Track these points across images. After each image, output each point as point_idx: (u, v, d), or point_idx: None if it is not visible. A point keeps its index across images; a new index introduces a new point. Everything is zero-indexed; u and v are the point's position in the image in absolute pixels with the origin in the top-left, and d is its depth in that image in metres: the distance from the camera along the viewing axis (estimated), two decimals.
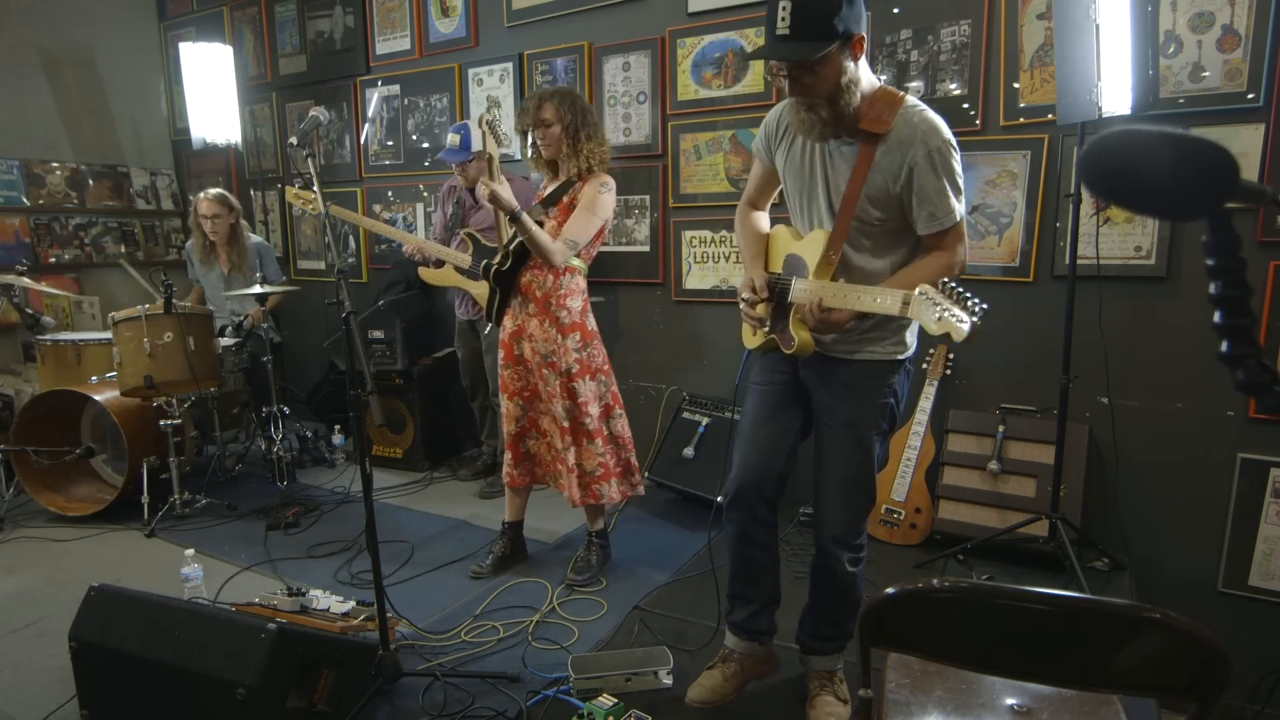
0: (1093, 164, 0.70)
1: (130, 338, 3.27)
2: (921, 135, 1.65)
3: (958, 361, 3.05)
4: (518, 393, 2.75)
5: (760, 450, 1.92)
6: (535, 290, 2.65)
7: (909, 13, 2.99)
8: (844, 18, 1.57)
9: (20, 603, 2.69)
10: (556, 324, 2.64)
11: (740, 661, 2.03)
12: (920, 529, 2.97)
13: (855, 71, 1.64)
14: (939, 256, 1.72)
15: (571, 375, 2.66)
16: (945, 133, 1.66)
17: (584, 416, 2.68)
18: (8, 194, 4.61)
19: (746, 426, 1.97)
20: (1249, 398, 2.47)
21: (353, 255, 4.82)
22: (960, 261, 1.73)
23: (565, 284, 2.65)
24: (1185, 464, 2.69)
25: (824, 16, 1.56)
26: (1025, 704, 1.38)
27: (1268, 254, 2.49)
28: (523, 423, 2.78)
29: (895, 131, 1.67)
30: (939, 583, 1.05)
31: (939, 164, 1.65)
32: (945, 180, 1.66)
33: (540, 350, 2.66)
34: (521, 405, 2.76)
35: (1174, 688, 1.02)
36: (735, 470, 1.94)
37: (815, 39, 1.57)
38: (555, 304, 2.64)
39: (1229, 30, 2.47)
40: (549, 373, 2.66)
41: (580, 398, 2.67)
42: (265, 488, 3.75)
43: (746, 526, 1.94)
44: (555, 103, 2.58)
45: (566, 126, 2.58)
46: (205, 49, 4.32)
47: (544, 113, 2.57)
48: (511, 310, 2.73)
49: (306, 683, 1.85)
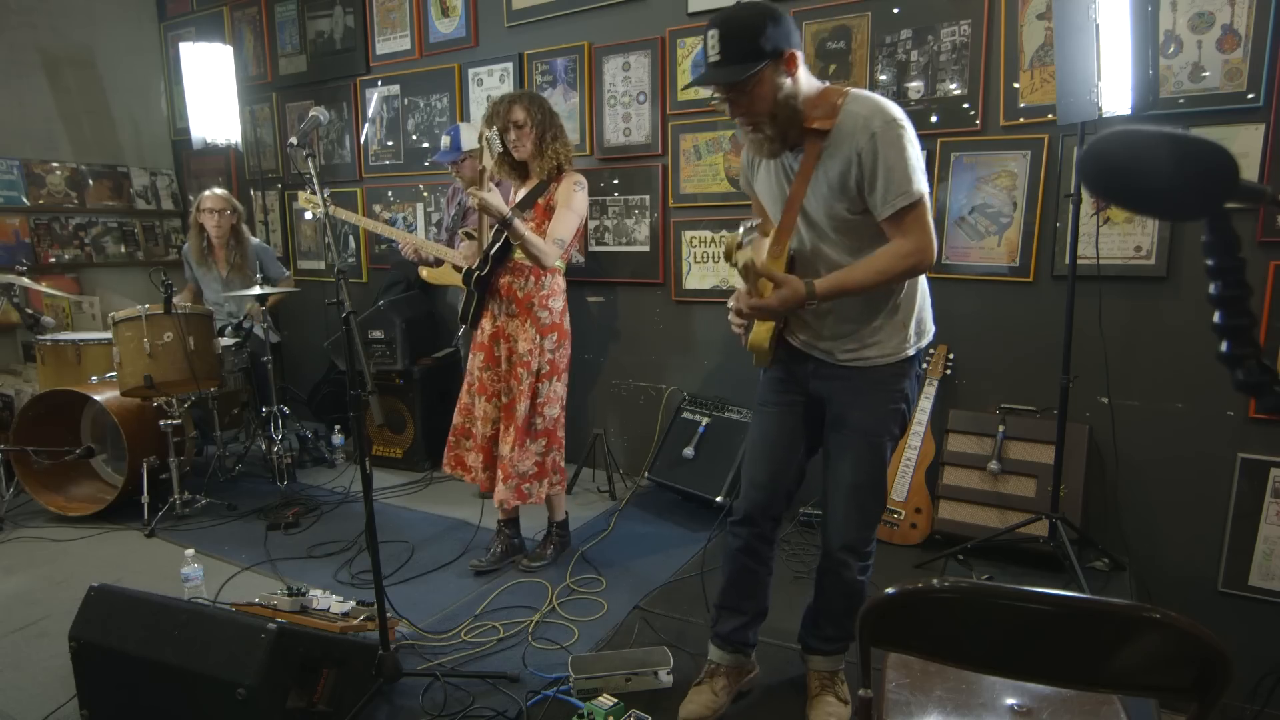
0: (1093, 164, 0.70)
1: (130, 338, 3.27)
2: (864, 120, 1.64)
3: (958, 361, 3.05)
4: (495, 395, 2.77)
5: (770, 471, 1.93)
6: (516, 292, 2.69)
7: (909, 13, 2.99)
8: (771, 37, 1.60)
9: (20, 603, 2.69)
10: (537, 324, 2.69)
11: (728, 674, 2.03)
12: (920, 529, 2.97)
13: (792, 86, 1.66)
14: (898, 244, 1.67)
15: (540, 375, 2.71)
16: (890, 112, 1.64)
17: (537, 417, 2.73)
18: (8, 194, 4.61)
19: (755, 447, 1.97)
20: (1249, 398, 2.47)
21: (353, 255, 4.82)
22: (922, 249, 1.66)
23: (547, 284, 2.71)
24: (1185, 464, 2.69)
25: (750, 38, 1.60)
26: (1025, 704, 1.38)
27: (1268, 254, 2.49)
28: (499, 425, 2.77)
29: (839, 125, 1.67)
30: (939, 583, 1.05)
31: (883, 143, 1.62)
32: (893, 156, 1.62)
33: (518, 350, 2.70)
34: (497, 407, 2.77)
35: (1174, 688, 1.02)
36: (746, 490, 1.95)
37: (744, 61, 1.61)
38: (538, 305, 2.69)
39: (1229, 30, 2.48)
40: (523, 371, 2.69)
41: (540, 398, 2.72)
42: (265, 488, 3.75)
43: (753, 543, 1.96)
44: (524, 104, 2.62)
45: (537, 125, 2.62)
46: (205, 49, 4.32)
47: (515, 115, 2.61)
48: (490, 313, 2.76)
49: (306, 683, 1.85)
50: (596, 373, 4.01)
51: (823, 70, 3.16)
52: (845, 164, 1.67)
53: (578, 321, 4.01)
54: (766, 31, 1.60)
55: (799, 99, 1.68)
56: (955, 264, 3.00)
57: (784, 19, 1.64)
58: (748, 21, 1.61)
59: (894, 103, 1.69)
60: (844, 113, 1.67)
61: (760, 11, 1.63)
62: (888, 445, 1.87)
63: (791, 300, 1.67)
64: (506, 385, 2.75)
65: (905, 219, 1.65)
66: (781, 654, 2.24)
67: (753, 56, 1.61)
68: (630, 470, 3.87)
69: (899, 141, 1.63)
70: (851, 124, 1.65)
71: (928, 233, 1.67)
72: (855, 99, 1.68)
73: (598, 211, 3.83)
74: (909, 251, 1.66)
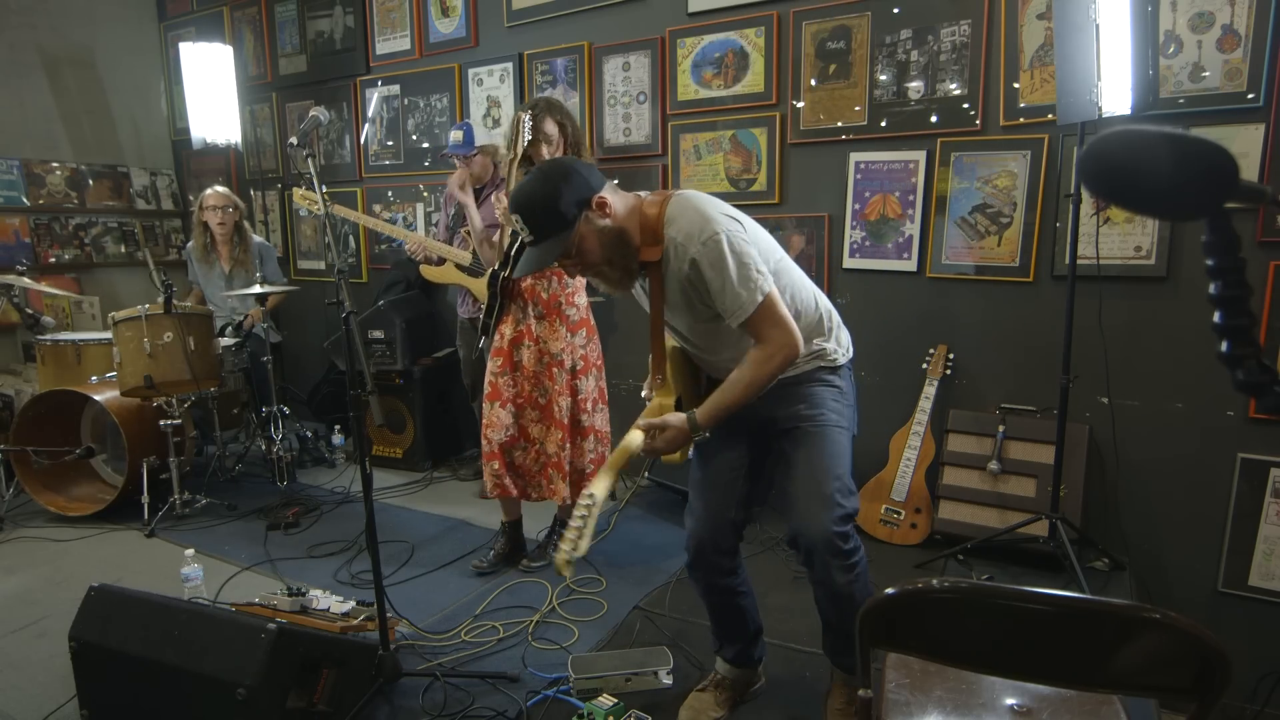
0: (1092, 164, 0.70)
1: (130, 338, 3.27)
2: (681, 248, 1.64)
3: (958, 361, 3.05)
4: (510, 400, 2.73)
5: (709, 500, 1.87)
6: (541, 293, 2.70)
7: (909, 13, 2.99)
8: (567, 201, 1.61)
9: (20, 603, 2.69)
10: (566, 322, 2.71)
11: (733, 686, 2.02)
12: (920, 529, 2.97)
13: (611, 225, 1.66)
14: (755, 353, 1.68)
15: (576, 372, 2.72)
16: (704, 231, 1.62)
17: (582, 413, 2.74)
18: (8, 194, 4.61)
19: (693, 486, 1.92)
20: (1249, 398, 2.47)
21: (353, 255, 4.81)
22: (782, 345, 1.66)
23: (571, 282, 2.73)
24: (1185, 464, 2.68)
25: (550, 212, 1.61)
26: (1025, 704, 1.38)
27: (1268, 254, 2.49)
28: (512, 431, 2.74)
29: (665, 254, 1.68)
30: (939, 583, 1.05)
31: (706, 265, 1.62)
32: (719, 276, 1.62)
33: (549, 350, 2.70)
34: (513, 413, 2.74)
35: (1174, 688, 1.02)
36: (689, 525, 1.88)
37: (556, 232, 1.62)
38: (565, 302, 2.71)
39: (1229, 30, 2.47)
40: (557, 370, 2.70)
41: (581, 394, 2.73)
42: (265, 488, 3.75)
43: (712, 581, 1.90)
44: (556, 116, 2.64)
45: (568, 137, 2.65)
46: (205, 49, 4.32)
47: (548, 127, 2.61)
48: (511, 317, 2.73)
49: (306, 683, 1.85)
50: None
51: (823, 70, 3.16)
52: (681, 287, 1.70)
53: None
54: (562, 197, 1.61)
55: (625, 232, 1.68)
56: (955, 264, 3.00)
57: (574, 173, 1.64)
58: (541, 195, 1.62)
59: (712, 201, 1.68)
60: (666, 239, 1.67)
61: (548, 179, 1.63)
62: (831, 427, 1.79)
63: (679, 439, 1.70)
64: (540, 386, 2.73)
65: (755, 326, 1.66)
66: (782, 653, 2.24)
67: (561, 226, 1.62)
68: (630, 470, 3.86)
69: (720, 260, 1.61)
70: (674, 252, 1.67)
71: (782, 327, 1.66)
72: (672, 220, 1.67)
73: None
74: (770, 354, 1.67)
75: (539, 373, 2.72)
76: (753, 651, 2.02)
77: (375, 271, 4.73)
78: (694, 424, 1.69)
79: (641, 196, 1.76)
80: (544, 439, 2.75)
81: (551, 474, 2.74)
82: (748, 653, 2.02)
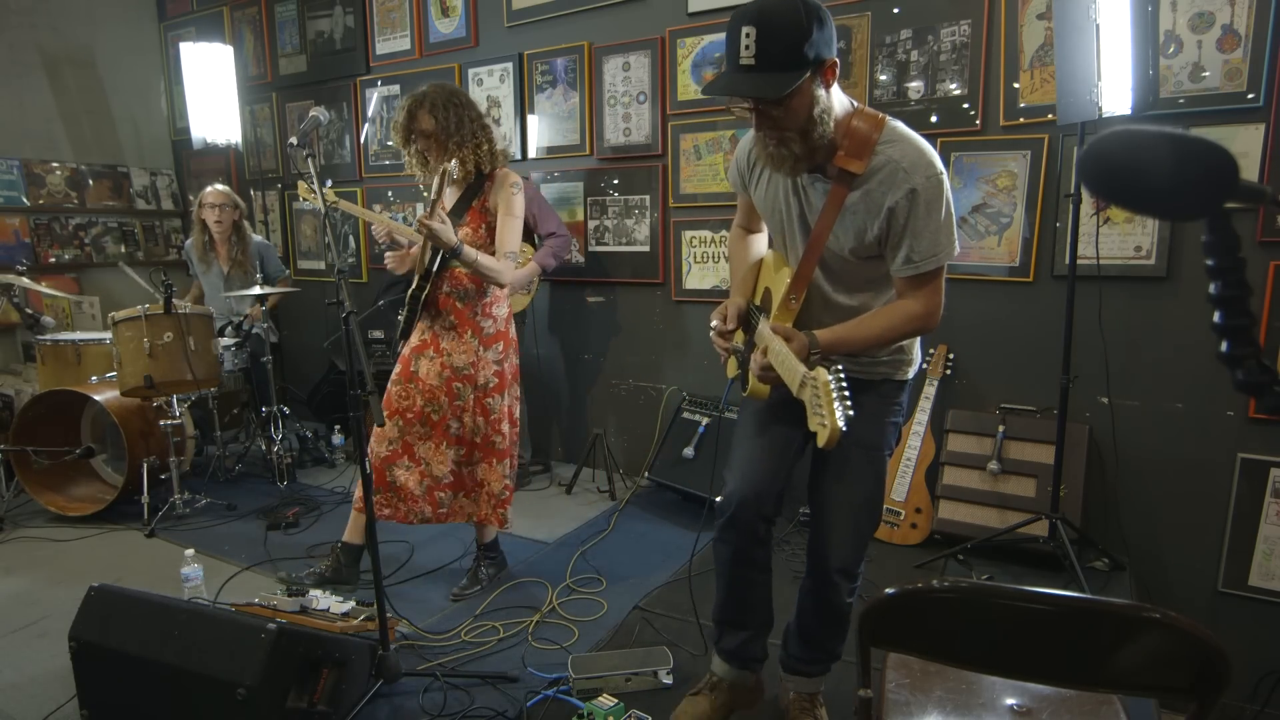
0: (1092, 164, 0.70)
1: (130, 338, 3.27)
2: (904, 173, 1.49)
3: (958, 361, 3.05)
4: (400, 412, 2.52)
5: (760, 466, 1.74)
6: (455, 302, 2.51)
7: (909, 13, 2.99)
8: (815, 43, 1.40)
9: (20, 603, 2.69)
10: (479, 334, 2.53)
11: (729, 691, 1.89)
12: (920, 529, 2.97)
13: (828, 100, 1.48)
14: (905, 305, 1.56)
15: (488, 390, 2.55)
16: (934, 165, 1.49)
17: (495, 435, 2.58)
18: (8, 194, 4.61)
19: (743, 443, 1.80)
20: (1249, 398, 2.47)
21: (353, 255, 4.82)
22: (931, 313, 1.55)
23: (490, 291, 2.54)
24: (1185, 464, 2.69)
25: (794, 44, 1.39)
26: (1025, 704, 1.38)
27: (1268, 254, 2.49)
28: (395, 447, 2.52)
29: (872, 171, 1.52)
30: (939, 583, 1.05)
31: (923, 202, 1.48)
32: (931, 218, 1.49)
33: (453, 364, 2.51)
34: (400, 427, 2.52)
35: (1174, 688, 1.02)
36: (733, 486, 1.73)
37: (784, 69, 1.40)
38: (481, 313, 2.53)
39: (1229, 30, 2.47)
40: (461, 386, 2.52)
41: (494, 414, 2.57)
42: (265, 488, 3.75)
43: (746, 547, 1.75)
44: (427, 109, 2.39)
45: (443, 130, 2.39)
46: (205, 49, 4.32)
47: (420, 123, 2.40)
48: (420, 325, 2.57)
49: (306, 683, 1.85)
50: (596, 373, 4.01)
51: None
52: (873, 215, 1.54)
53: (578, 322, 4.03)
54: (812, 36, 1.39)
55: (834, 113, 1.50)
56: (955, 264, 2.97)
57: (828, 21, 1.43)
58: (792, 22, 1.38)
59: (930, 145, 1.53)
60: (880, 156, 1.51)
61: (806, 11, 1.39)
62: (886, 460, 1.78)
63: (800, 353, 1.54)
64: (434, 402, 2.52)
65: (925, 281, 1.54)
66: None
67: (795, 65, 1.40)
68: (630, 470, 3.87)
69: (938, 201, 1.49)
70: (889, 173, 1.50)
71: (940, 296, 1.56)
72: (893, 140, 1.52)
73: (598, 211, 3.83)
74: (918, 315, 1.56)
75: (435, 388, 2.51)
76: (755, 648, 1.88)
77: (375, 271, 4.73)
78: (814, 341, 1.54)
79: (851, 103, 1.57)
80: (430, 459, 2.55)
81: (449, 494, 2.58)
82: (750, 647, 1.87)
